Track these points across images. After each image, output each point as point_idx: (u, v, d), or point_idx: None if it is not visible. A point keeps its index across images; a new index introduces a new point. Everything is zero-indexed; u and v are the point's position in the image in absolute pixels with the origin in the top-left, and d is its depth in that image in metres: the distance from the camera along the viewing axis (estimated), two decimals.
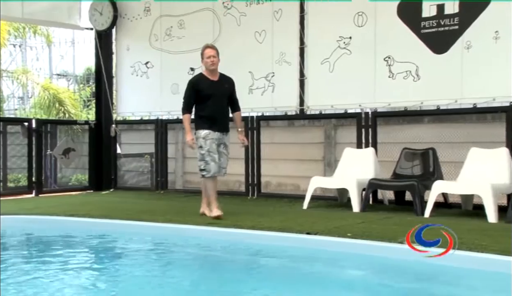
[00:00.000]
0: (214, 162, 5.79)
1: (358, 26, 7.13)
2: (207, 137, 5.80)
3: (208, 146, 5.79)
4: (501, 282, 3.71)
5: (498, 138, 6.23)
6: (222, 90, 5.95)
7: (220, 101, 5.91)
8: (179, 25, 8.69)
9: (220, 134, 5.88)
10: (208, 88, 5.86)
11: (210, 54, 5.85)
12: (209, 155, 5.79)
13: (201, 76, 6.01)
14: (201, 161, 5.84)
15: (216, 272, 4.24)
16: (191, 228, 5.40)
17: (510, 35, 6.08)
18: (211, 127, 5.82)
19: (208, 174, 5.81)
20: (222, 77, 6.01)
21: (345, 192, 6.72)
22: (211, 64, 5.85)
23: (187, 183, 9.47)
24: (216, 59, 5.88)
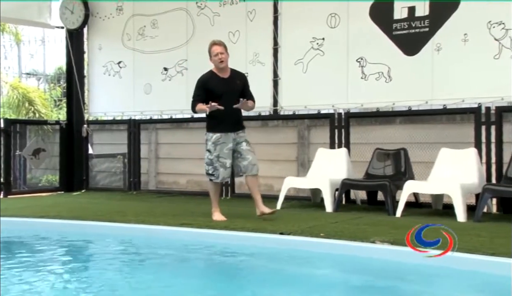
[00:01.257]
0: (224, 168, 5.54)
1: (331, 27, 7.19)
2: (218, 142, 5.52)
3: (217, 152, 5.52)
4: (470, 280, 3.78)
5: (467, 139, 6.35)
6: (234, 87, 5.55)
7: (232, 99, 5.45)
8: (152, 25, 8.62)
9: (235, 134, 5.57)
10: (219, 86, 5.51)
11: (217, 51, 5.51)
12: (218, 161, 5.53)
13: (211, 74, 5.64)
14: (210, 165, 5.59)
15: (187, 272, 4.21)
16: (163, 229, 5.36)
17: (478, 38, 6.20)
18: (224, 129, 5.51)
19: (217, 179, 5.60)
20: (234, 74, 5.68)
21: (318, 192, 6.76)
22: (220, 62, 5.51)
23: (160, 183, 9.41)
24: (225, 55, 5.53)
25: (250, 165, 5.58)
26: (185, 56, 8.38)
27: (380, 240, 4.44)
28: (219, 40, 5.69)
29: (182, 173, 9.14)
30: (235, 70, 5.72)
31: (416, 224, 5.21)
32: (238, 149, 5.58)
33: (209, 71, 5.69)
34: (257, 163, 5.64)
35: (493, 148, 6.19)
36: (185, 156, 9.07)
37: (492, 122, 6.20)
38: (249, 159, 5.57)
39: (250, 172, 5.59)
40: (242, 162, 5.59)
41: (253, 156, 5.61)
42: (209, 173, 5.62)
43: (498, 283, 3.64)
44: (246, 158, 5.58)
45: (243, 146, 5.58)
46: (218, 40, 5.65)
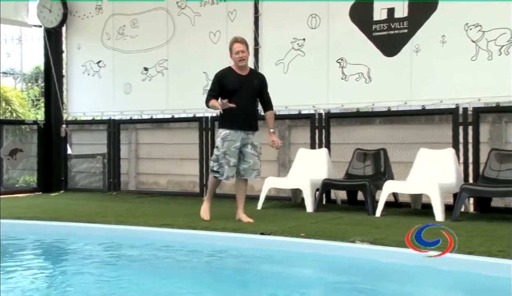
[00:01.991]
0: (229, 166, 5.39)
1: (312, 28, 7.22)
2: (226, 138, 5.37)
3: (225, 149, 5.38)
4: (448, 279, 3.83)
5: (445, 139, 6.43)
6: (250, 86, 5.43)
7: (246, 97, 5.38)
8: (132, 24, 8.57)
9: (244, 134, 5.41)
10: (235, 82, 5.38)
11: (239, 49, 5.36)
12: (224, 158, 5.39)
13: (228, 69, 5.51)
14: (215, 162, 5.46)
15: (167, 273, 4.19)
16: (143, 230, 5.33)
17: (455, 40, 6.29)
18: (233, 126, 5.37)
19: (221, 176, 5.46)
20: (252, 72, 5.61)
21: (299, 192, 6.79)
22: (240, 60, 5.37)
23: (141, 184, 9.35)
24: (246, 54, 5.40)
25: (250, 169, 5.48)
26: (166, 56, 8.34)
27: (360, 240, 4.47)
28: (241, 37, 5.53)
29: (163, 173, 9.09)
30: (254, 70, 5.62)
31: (395, 224, 5.33)
32: (243, 150, 5.46)
33: (227, 67, 5.56)
34: (259, 168, 5.52)
35: (470, 148, 6.28)
36: (165, 156, 9.03)
37: (469, 123, 6.30)
38: (250, 163, 5.46)
39: (249, 176, 5.53)
40: (243, 164, 5.48)
41: (255, 161, 5.48)
42: (213, 170, 5.51)
43: (476, 282, 3.70)
44: (247, 162, 5.47)
45: (248, 149, 5.45)
46: (240, 38, 5.49)
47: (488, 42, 6.11)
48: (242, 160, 5.48)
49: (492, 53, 6.10)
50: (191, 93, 8.16)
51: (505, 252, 3.87)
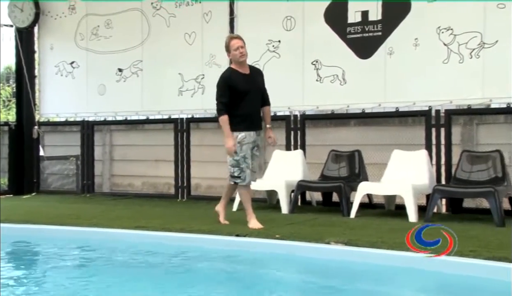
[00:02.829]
0: (249, 169, 5.24)
1: (287, 30, 7.25)
2: (243, 141, 5.21)
3: (244, 152, 5.21)
4: (421, 279, 3.88)
5: (418, 141, 6.52)
6: (257, 84, 5.35)
7: (256, 97, 5.30)
8: (106, 25, 8.48)
9: (255, 135, 5.31)
10: (244, 83, 5.24)
11: (237, 45, 5.24)
12: (245, 162, 5.21)
13: (232, 70, 5.35)
14: (235, 167, 5.25)
15: (143, 276, 4.15)
16: (118, 232, 5.28)
17: (428, 43, 6.38)
18: (248, 127, 5.22)
19: (243, 182, 5.26)
20: (252, 70, 5.45)
21: (274, 193, 6.80)
22: (240, 56, 5.24)
23: (115, 186, 9.25)
24: (245, 49, 5.28)
25: (253, 172, 5.36)
26: (140, 57, 8.28)
27: (335, 241, 4.50)
28: (237, 34, 5.43)
29: (137, 175, 9.01)
30: (252, 66, 5.50)
31: (369, 225, 5.38)
32: (252, 152, 5.32)
33: (228, 69, 5.43)
34: (257, 170, 5.40)
35: (443, 149, 6.38)
36: (140, 158, 8.95)
37: (442, 125, 6.39)
38: (253, 166, 5.35)
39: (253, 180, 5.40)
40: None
41: (256, 163, 5.39)
42: (234, 176, 5.28)
43: (448, 281, 3.75)
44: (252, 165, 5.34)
45: (253, 150, 5.33)
46: (236, 34, 5.40)
47: (460, 45, 6.22)
48: None
49: (463, 56, 6.21)
50: (166, 94, 8.12)
51: (476, 252, 3.94)
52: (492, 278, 3.59)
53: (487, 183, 5.78)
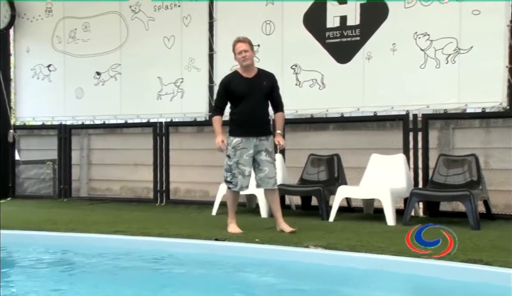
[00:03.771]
0: (242, 176, 5.10)
1: (266, 34, 7.27)
2: (238, 147, 5.08)
3: (237, 158, 5.08)
4: (399, 282, 3.91)
5: (396, 145, 6.59)
6: (259, 88, 5.12)
7: (256, 101, 5.10)
8: (84, 28, 8.41)
9: (257, 140, 5.10)
10: (242, 87, 5.10)
11: (241, 48, 5.10)
12: (237, 167, 5.10)
13: (234, 74, 5.25)
14: (228, 172, 5.16)
15: (120, 281, 4.11)
16: (95, 237, 5.21)
17: (405, 48, 6.46)
18: (245, 133, 5.08)
19: (235, 187, 5.16)
20: (261, 73, 5.23)
21: (254, 198, 6.80)
22: (243, 60, 5.11)
23: (93, 190, 9.16)
24: (249, 53, 5.12)
25: (266, 178, 5.16)
26: (119, 60, 8.23)
27: (314, 245, 4.51)
28: (244, 36, 5.29)
29: (116, 179, 8.94)
30: (262, 70, 5.29)
31: (348, 228, 5.41)
32: (257, 158, 5.14)
33: (233, 72, 5.33)
34: (275, 176, 5.20)
35: (420, 153, 6.46)
36: (119, 162, 8.88)
37: (419, 129, 6.47)
38: (265, 171, 5.14)
39: (266, 186, 5.20)
40: (259, 173, 5.18)
41: (271, 168, 5.17)
42: (227, 180, 5.21)
43: (425, 284, 3.79)
44: (262, 170, 5.14)
45: (262, 156, 5.13)
46: (242, 37, 5.25)
47: (436, 50, 6.31)
48: (257, 169, 5.18)
49: (439, 61, 6.30)
50: (145, 98, 8.08)
51: (453, 254, 3.98)
52: (468, 281, 3.64)
53: (463, 187, 5.87)
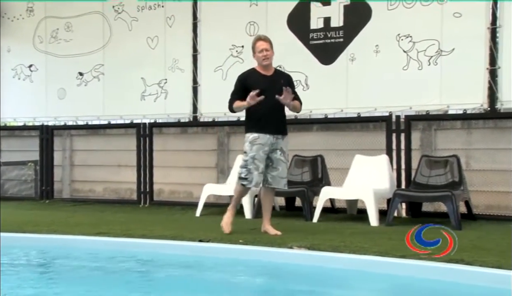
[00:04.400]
0: (258, 172, 4.97)
1: (250, 35, 7.26)
2: (255, 142, 4.99)
3: (254, 153, 4.97)
4: (382, 283, 3.94)
5: (379, 146, 6.63)
6: (277, 86, 4.99)
7: (274, 99, 4.93)
8: (66, 28, 8.34)
9: (273, 138, 5.01)
10: (260, 83, 4.97)
11: (262, 47, 5.00)
12: (253, 163, 4.97)
13: (252, 71, 5.15)
14: (243, 168, 5.03)
15: (102, 283, 4.08)
16: (78, 239, 5.16)
17: (388, 50, 6.51)
18: (261, 129, 4.98)
19: (249, 184, 5.01)
20: (278, 73, 5.22)
21: None
22: (264, 59, 5.00)
23: (75, 191, 9.08)
24: (270, 52, 5.02)
25: (279, 177, 5.08)
26: (102, 61, 8.17)
27: (298, 246, 4.52)
28: (265, 35, 5.21)
29: (99, 181, 8.87)
30: (280, 70, 5.27)
31: (332, 229, 5.43)
32: (271, 156, 5.04)
33: (250, 68, 5.22)
34: (286, 176, 5.16)
35: (403, 154, 6.50)
36: (102, 163, 8.82)
37: (402, 130, 6.52)
38: (279, 170, 5.06)
39: (277, 185, 5.12)
40: (272, 171, 5.07)
41: (283, 168, 5.11)
42: (241, 177, 5.05)
43: (407, 284, 3.82)
44: (276, 168, 5.06)
45: (277, 154, 5.05)
46: (263, 35, 5.17)
47: (418, 52, 6.37)
48: (271, 167, 5.08)
49: (422, 63, 6.36)
50: (129, 99, 8.04)
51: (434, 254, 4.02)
52: (449, 281, 3.67)
53: (444, 187, 5.93)
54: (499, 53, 6.02)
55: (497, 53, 6.03)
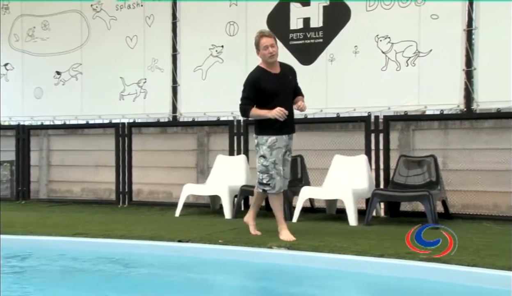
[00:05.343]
0: (280, 176, 4.83)
1: (230, 35, 7.27)
2: (274, 146, 4.82)
3: (274, 158, 4.81)
4: (360, 282, 3.97)
5: (358, 146, 6.68)
6: (288, 85, 4.89)
7: (287, 97, 4.85)
8: (43, 26, 8.23)
9: (287, 139, 4.92)
10: (273, 84, 4.80)
11: (267, 44, 4.77)
12: (275, 168, 4.81)
13: (260, 70, 4.90)
14: (264, 173, 4.84)
15: (82, 284, 4.04)
16: (55, 240, 5.10)
17: (367, 50, 6.57)
18: (279, 131, 4.83)
19: (273, 190, 4.84)
20: (284, 68, 4.97)
21: (218, 198, 6.79)
22: (270, 57, 4.80)
23: (52, 192, 8.97)
24: (275, 48, 4.81)
25: (285, 179, 4.99)
26: (80, 60, 8.09)
27: (277, 245, 4.53)
28: (268, 31, 5.05)
29: (77, 181, 8.77)
30: (283, 64, 5.04)
31: (311, 229, 5.45)
32: (283, 157, 4.94)
33: (257, 68, 4.94)
34: (289, 177, 5.08)
35: (381, 154, 6.56)
36: (80, 163, 8.72)
37: (380, 131, 6.58)
38: (284, 171, 4.94)
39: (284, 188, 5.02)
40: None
41: (288, 168, 5.00)
42: (263, 183, 4.86)
43: (385, 284, 3.85)
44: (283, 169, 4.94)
45: (286, 155, 4.95)
46: (267, 31, 4.96)
47: (397, 53, 6.44)
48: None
49: (400, 64, 6.43)
50: (107, 98, 7.97)
51: (413, 253, 4.07)
52: (427, 279, 3.72)
53: (422, 187, 6.00)
54: (475, 54, 6.12)
55: (473, 54, 6.12)
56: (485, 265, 3.70)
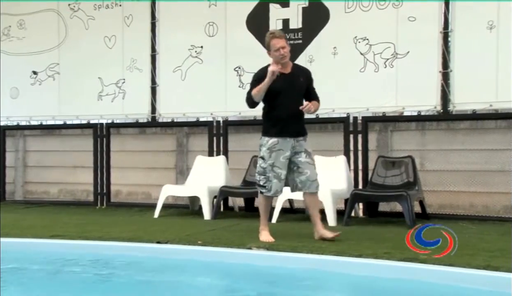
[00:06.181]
0: (278, 179, 4.73)
1: (209, 36, 7.25)
2: (274, 148, 4.71)
3: (273, 160, 4.71)
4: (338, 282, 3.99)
5: (337, 146, 6.72)
6: (297, 85, 4.78)
7: (293, 98, 4.74)
8: (19, 25, 8.12)
9: (294, 141, 4.76)
10: (277, 83, 4.68)
11: (279, 45, 4.68)
12: (272, 170, 4.72)
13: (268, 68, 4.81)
14: (261, 175, 4.77)
15: (58, 286, 3.99)
16: (30, 242, 5.02)
17: (346, 52, 6.61)
18: (281, 132, 4.72)
19: (268, 192, 4.77)
20: (296, 69, 4.89)
21: (197, 199, 6.77)
22: (282, 58, 4.70)
23: (29, 193, 8.84)
24: (287, 49, 4.71)
25: (309, 181, 4.79)
26: (57, 59, 8.00)
27: (256, 246, 4.54)
28: (279, 31, 5.00)
29: (54, 182, 8.66)
30: (298, 65, 5.00)
31: (291, 230, 5.47)
32: (295, 160, 4.77)
33: (266, 66, 4.82)
34: (317, 178, 4.84)
35: (360, 155, 6.62)
36: (57, 164, 8.62)
37: (359, 131, 6.63)
38: (307, 174, 4.77)
39: (308, 189, 4.81)
40: (299, 176, 4.79)
41: (312, 170, 4.81)
42: (260, 184, 4.82)
43: (363, 284, 3.88)
44: (304, 172, 4.77)
45: (302, 157, 4.77)
46: (278, 32, 4.88)
47: (375, 55, 6.49)
48: (297, 172, 4.80)
49: (378, 65, 6.49)
50: (85, 99, 7.89)
51: (390, 253, 4.11)
52: (404, 279, 3.76)
53: (400, 187, 6.06)
54: (451, 56, 6.21)
55: (449, 56, 6.21)
56: (461, 264, 3.75)
